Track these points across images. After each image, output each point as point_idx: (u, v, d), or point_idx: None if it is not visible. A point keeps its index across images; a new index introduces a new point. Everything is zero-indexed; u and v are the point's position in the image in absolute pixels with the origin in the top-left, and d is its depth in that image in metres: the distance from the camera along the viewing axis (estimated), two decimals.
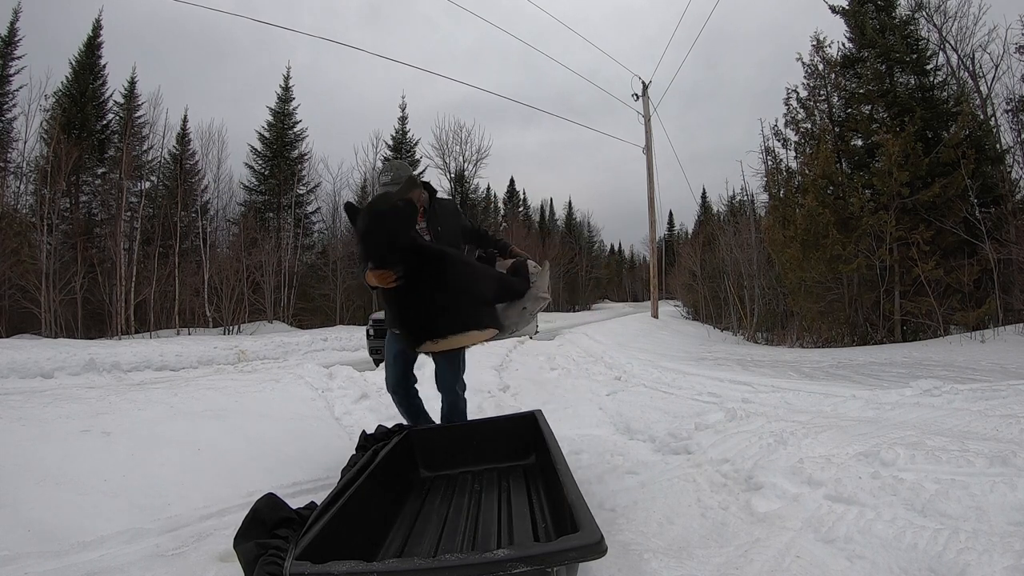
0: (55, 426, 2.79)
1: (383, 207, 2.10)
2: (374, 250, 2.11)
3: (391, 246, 2.09)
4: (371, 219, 2.09)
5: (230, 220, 20.85)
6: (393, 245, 2.09)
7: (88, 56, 18.40)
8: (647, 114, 17.73)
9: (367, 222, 2.10)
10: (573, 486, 1.50)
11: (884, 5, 13.95)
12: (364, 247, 2.15)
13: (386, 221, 2.09)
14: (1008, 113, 12.43)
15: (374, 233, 2.08)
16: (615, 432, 3.51)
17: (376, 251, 2.10)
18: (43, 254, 14.36)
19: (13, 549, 1.75)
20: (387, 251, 2.09)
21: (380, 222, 2.09)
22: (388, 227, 2.09)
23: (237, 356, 7.34)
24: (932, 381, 3.98)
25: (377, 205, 2.12)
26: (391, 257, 2.10)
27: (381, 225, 2.09)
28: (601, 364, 7.56)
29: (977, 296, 11.32)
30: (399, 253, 2.12)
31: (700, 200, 39.61)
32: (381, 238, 2.08)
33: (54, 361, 5.49)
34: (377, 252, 2.10)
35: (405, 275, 2.15)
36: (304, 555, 1.26)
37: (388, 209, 2.09)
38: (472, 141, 27.61)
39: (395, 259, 2.11)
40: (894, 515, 1.79)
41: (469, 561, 1.14)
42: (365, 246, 2.14)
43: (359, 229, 2.13)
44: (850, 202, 12.93)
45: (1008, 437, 2.48)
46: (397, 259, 2.11)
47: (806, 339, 14.47)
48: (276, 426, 3.28)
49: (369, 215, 2.11)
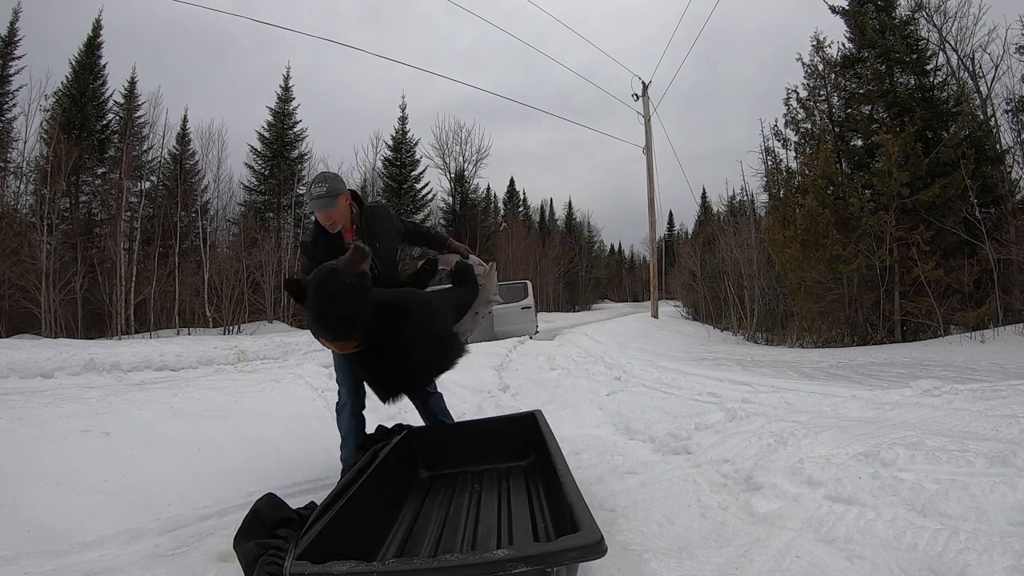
0: (55, 426, 2.80)
1: (333, 288, 1.88)
2: (330, 333, 1.94)
3: (348, 326, 1.92)
4: (324, 302, 1.89)
5: (230, 220, 20.88)
6: (350, 325, 1.92)
7: (88, 56, 18.41)
8: (647, 114, 17.74)
9: (317, 306, 1.89)
10: (573, 486, 1.50)
11: (884, 5, 13.96)
12: (318, 327, 1.94)
13: (339, 304, 1.90)
14: (1008, 113, 12.44)
15: (327, 319, 1.90)
16: (615, 432, 3.51)
17: (332, 333, 1.94)
18: (43, 254, 14.37)
19: (13, 549, 1.75)
20: (345, 331, 1.93)
21: (335, 305, 1.89)
22: (342, 310, 1.90)
23: (237, 356, 7.33)
24: (932, 381, 3.98)
25: (327, 286, 1.89)
26: (350, 335, 1.95)
27: (333, 308, 1.90)
28: (601, 364, 7.56)
29: (977, 296, 11.32)
30: (358, 328, 1.95)
31: (700, 200, 39.60)
32: (335, 323, 1.91)
33: (54, 361, 5.48)
34: (334, 332, 1.94)
35: (367, 340, 1.99)
36: (304, 555, 1.26)
37: (339, 290, 1.89)
38: (472, 141, 27.67)
39: (354, 335, 1.96)
40: (894, 515, 1.79)
41: (469, 561, 1.14)
42: (319, 329, 1.94)
43: (310, 312, 1.93)
44: (850, 202, 12.94)
45: (1008, 437, 2.47)
46: (357, 334, 1.96)
47: (806, 339, 14.48)
48: (276, 426, 3.28)
49: (320, 298, 1.89)
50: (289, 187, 21.71)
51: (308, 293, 1.90)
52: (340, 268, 1.91)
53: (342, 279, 1.90)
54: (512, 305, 12.23)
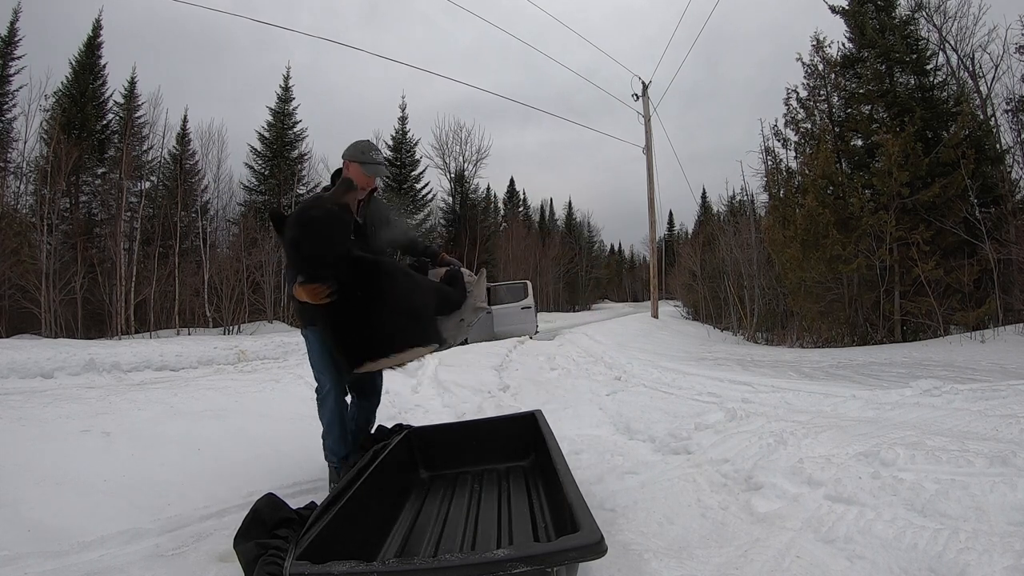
0: (55, 426, 2.80)
1: (316, 213, 1.85)
2: (305, 263, 1.85)
3: (324, 259, 1.85)
4: (302, 227, 1.84)
5: (230, 220, 20.86)
6: (326, 258, 1.85)
7: (88, 56, 18.41)
8: (647, 114, 17.74)
9: (298, 231, 1.84)
10: (573, 486, 1.50)
11: (884, 5, 13.95)
12: (293, 259, 1.88)
13: (319, 230, 1.84)
14: (1008, 113, 12.43)
15: (305, 244, 1.84)
16: (615, 432, 3.51)
17: (307, 264, 1.84)
18: (43, 254, 14.36)
19: (13, 549, 1.75)
20: (319, 264, 1.85)
21: (312, 231, 1.83)
22: (321, 237, 1.84)
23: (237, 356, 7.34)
24: (932, 381, 3.98)
25: (308, 211, 1.87)
26: (324, 272, 1.85)
27: (313, 235, 1.83)
28: (601, 364, 7.56)
29: (977, 296, 11.32)
30: (333, 267, 1.87)
31: (700, 200, 39.64)
32: (313, 250, 1.83)
33: (54, 361, 5.49)
34: (309, 265, 1.84)
35: (339, 290, 1.89)
36: (304, 555, 1.26)
37: (321, 215, 1.85)
38: (472, 141, 27.68)
39: (328, 273, 1.86)
40: (894, 515, 1.79)
41: (469, 561, 1.14)
42: (294, 258, 1.88)
43: (287, 239, 1.87)
44: (850, 202, 12.94)
45: (1008, 437, 2.47)
46: (330, 273, 1.86)
47: (806, 339, 14.47)
48: (276, 426, 3.28)
49: (299, 223, 1.85)
50: (289, 187, 21.71)
51: (288, 219, 1.88)
52: (325, 196, 1.90)
53: (324, 205, 1.88)
54: (512, 305, 12.23)
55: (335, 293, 1.88)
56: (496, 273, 26.18)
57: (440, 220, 26.88)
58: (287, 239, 1.88)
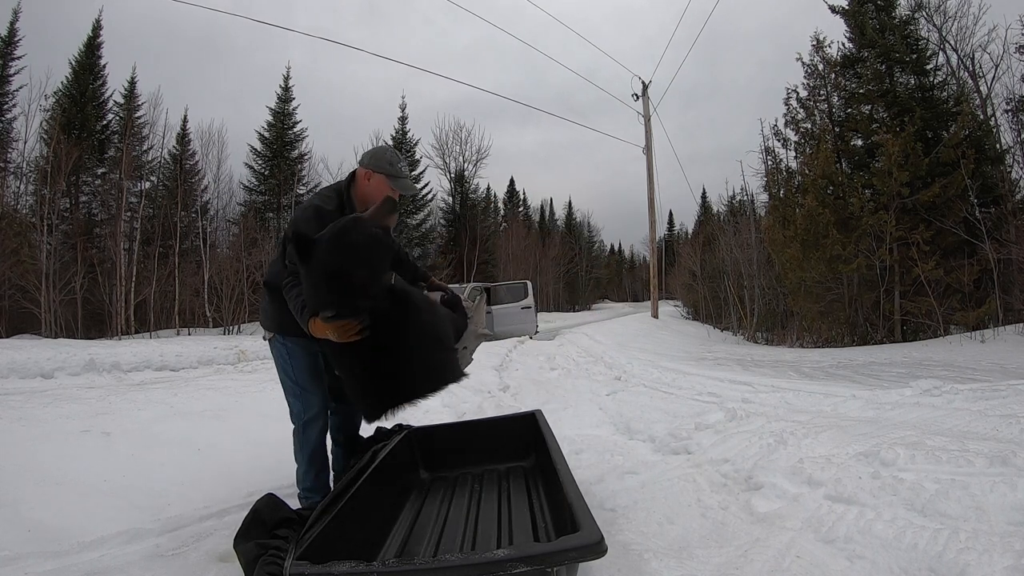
0: (55, 426, 2.80)
1: (359, 238, 1.56)
2: (344, 296, 1.55)
3: (367, 291, 1.58)
4: (343, 254, 1.54)
5: (230, 220, 20.86)
6: (370, 289, 1.59)
7: (88, 56, 18.41)
8: (647, 114, 17.74)
9: (337, 258, 1.54)
10: (573, 486, 1.50)
11: (884, 5, 13.95)
12: (329, 291, 1.55)
13: (365, 257, 1.57)
14: (1008, 113, 12.44)
15: (345, 274, 1.54)
16: (615, 432, 3.51)
17: (347, 297, 1.55)
18: (43, 254, 14.36)
19: (13, 549, 1.75)
20: (360, 297, 1.57)
21: (357, 259, 1.55)
22: (367, 265, 1.58)
23: (237, 356, 7.33)
24: (932, 381, 3.98)
25: (349, 234, 1.57)
26: (363, 304, 1.58)
27: (358, 262, 1.55)
28: (601, 364, 7.56)
29: (977, 296, 11.32)
30: (372, 300, 1.61)
31: (700, 200, 39.65)
32: (355, 280, 1.55)
33: (54, 361, 5.48)
34: (348, 298, 1.55)
35: (370, 326, 1.62)
36: (304, 555, 1.26)
37: (366, 240, 1.57)
38: (472, 141, 27.67)
39: (366, 307, 1.59)
40: (894, 515, 1.79)
41: (469, 561, 1.14)
42: (331, 290, 1.55)
43: (319, 266, 1.55)
44: (850, 202, 12.93)
45: (1008, 437, 2.48)
46: (368, 307, 1.60)
47: (806, 339, 14.47)
48: (276, 426, 3.27)
49: (339, 248, 1.54)
50: (289, 187, 21.70)
51: (320, 246, 1.55)
52: (365, 217, 1.61)
53: (367, 228, 1.58)
54: (512, 305, 12.24)
55: (366, 329, 1.62)
56: (496, 273, 26.18)
57: (440, 220, 26.89)
58: (319, 266, 1.56)
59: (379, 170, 1.97)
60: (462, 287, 11.98)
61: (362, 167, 2.00)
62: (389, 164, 1.98)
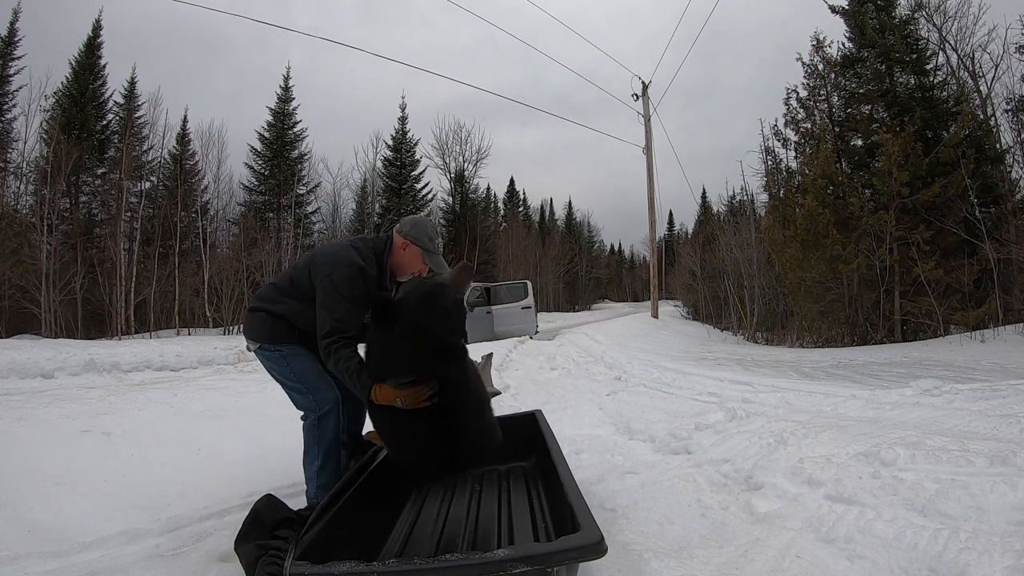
0: (55, 426, 2.80)
1: (447, 303, 1.57)
2: (428, 361, 1.55)
3: (452, 356, 1.59)
4: (432, 319, 1.53)
5: (230, 220, 20.85)
6: (455, 354, 1.60)
7: (88, 56, 18.40)
8: (647, 114, 17.74)
9: (427, 323, 1.53)
10: (573, 486, 1.50)
11: (884, 5, 13.95)
12: (413, 356, 1.54)
13: (451, 323, 1.57)
14: (1008, 113, 12.43)
15: (433, 339, 1.54)
16: (615, 432, 3.51)
17: (431, 363, 1.55)
18: (43, 254, 14.35)
19: (13, 549, 1.75)
20: (445, 362, 1.58)
21: (444, 323, 1.56)
22: (454, 331, 1.59)
23: (237, 356, 7.33)
24: (932, 381, 3.98)
25: (439, 300, 1.57)
26: (445, 369, 1.59)
27: (446, 328, 1.56)
28: (601, 364, 7.56)
29: (977, 296, 11.32)
30: (455, 364, 1.62)
31: (700, 200, 39.67)
32: (442, 345, 1.57)
33: (54, 361, 5.48)
34: (432, 364, 1.56)
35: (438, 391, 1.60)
36: (304, 555, 1.26)
37: (453, 307, 1.58)
38: (472, 141, 27.67)
39: (439, 372, 1.59)
40: (894, 515, 1.79)
41: (469, 561, 1.14)
42: (416, 355, 1.54)
43: (408, 331, 1.54)
44: (850, 202, 12.93)
45: (1008, 437, 2.48)
46: (440, 372, 1.60)
47: (806, 339, 14.47)
48: (276, 426, 3.28)
49: (429, 313, 1.53)
50: (289, 187, 21.70)
51: (406, 311, 1.54)
52: (449, 285, 1.63)
53: (451, 294, 1.60)
54: (512, 305, 12.24)
55: (435, 395, 1.58)
56: (496, 273, 26.18)
57: (440, 220, 26.87)
58: (404, 331, 1.54)
59: (418, 243, 2.00)
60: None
61: (400, 235, 2.01)
62: (428, 239, 2.01)
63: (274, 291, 2.08)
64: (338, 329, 1.82)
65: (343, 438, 2.05)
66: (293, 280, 2.04)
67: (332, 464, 2.01)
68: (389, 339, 1.59)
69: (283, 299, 2.02)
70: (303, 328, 1.98)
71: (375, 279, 1.95)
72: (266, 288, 2.16)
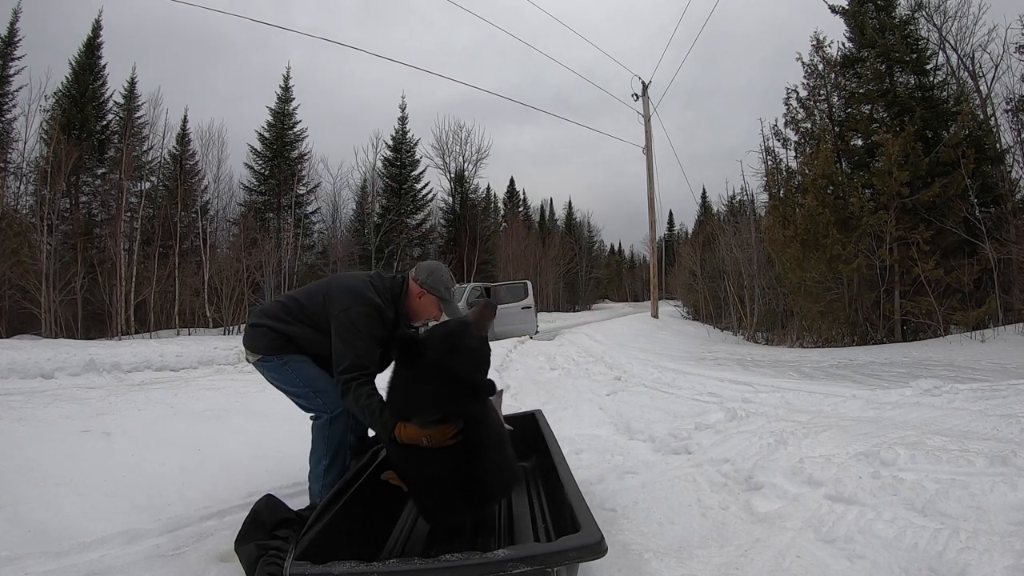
0: (55, 426, 2.80)
1: (472, 343, 1.60)
2: (455, 400, 1.56)
3: (478, 394, 1.60)
4: (459, 358, 1.55)
5: (230, 220, 20.86)
6: (481, 393, 1.60)
7: (88, 56, 18.39)
8: (647, 114, 17.74)
9: (454, 362, 1.55)
10: (573, 486, 1.50)
11: (884, 5, 13.95)
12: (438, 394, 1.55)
13: (476, 361, 1.60)
14: (1008, 113, 12.44)
15: (459, 378, 1.55)
16: (615, 432, 3.51)
17: (455, 401, 1.56)
18: (43, 254, 14.34)
19: (13, 549, 1.75)
20: (468, 399, 1.58)
21: (471, 362, 1.58)
22: (480, 370, 1.62)
23: (237, 356, 7.33)
24: (932, 381, 3.98)
25: (463, 339, 1.60)
26: (471, 406, 1.60)
27: (472, 367, 1.59)
28: (601, 364, 7.56)
29: (977, 296, 11.32)
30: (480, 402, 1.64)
31: (700, 200, 39.68)
32: (469, 384, 1.58)
33: (54, 361, 5.48)
34: (456, 402, 1.56)
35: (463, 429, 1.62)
36: (304, 555, 1.26)
37: (478, 346, 1.62)
38: (472, 141, 27.65)
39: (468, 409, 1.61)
40: (894, 515, 1.79)
41: (469, 561, 1.14)
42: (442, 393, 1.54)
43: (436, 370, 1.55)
44: (850, 202, 12.93)
45: (1008, 437, 2.48)
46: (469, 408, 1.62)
47: (806, 339, 14.47)
48: (276, 426, 3.28)
49: (457, 352, 1.56)
50: (289, 187, 21.71)
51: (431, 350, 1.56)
52: (472, 323, 1.66)
53: (476, 334, 1.62)
54: (512, 305, 12.25)
55: (460, 433, 1.59)
56: (496, 273, 26.18)
57: (440, 220, 26.88)
58: (431, 370, 1.56)
59: (435, 292, 2.05)
60: (463, 287, 11.99)
61: (416, 283, 2.05)
62: (444, 288, 2.07)
63: (282, 311, 2.04)
64: (358, 365, 1.84)
65: (351, 439, 2.05)
66: (302, 305, 2.02)
67: (339, 464, 2.02)
68: (414, 378, 1.60)
69: (293, 322, 2.01)
70: (314, 353, 1.99)
71: (392, 321, 2.00)
72: (273, 306, 2.11)
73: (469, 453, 1.60)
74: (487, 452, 1.64)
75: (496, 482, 1.70)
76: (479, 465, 1.62)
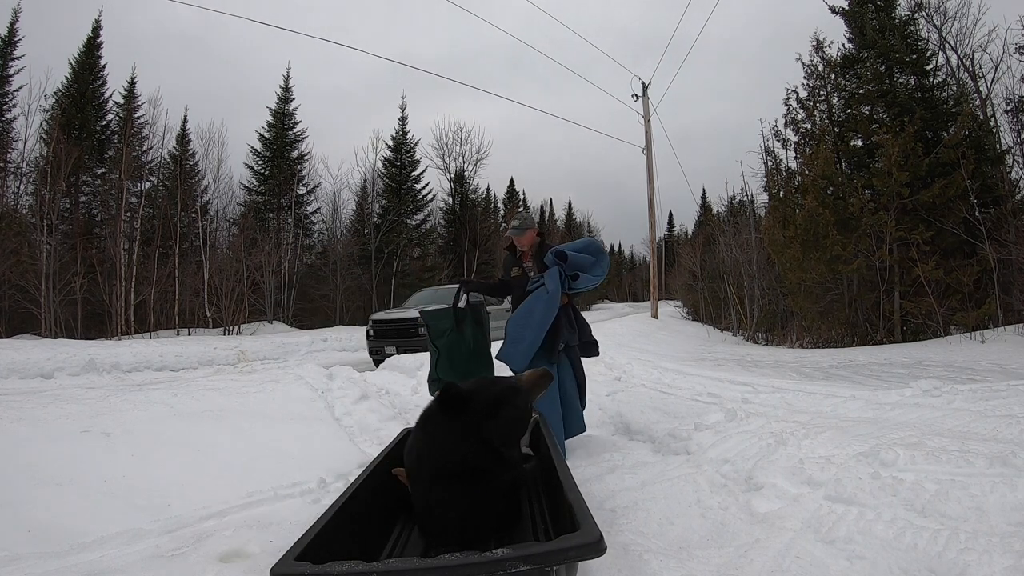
0: (55, 427, 2.80)
1: (516, 413, 1.70)
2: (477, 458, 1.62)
3: (503, 463, 1.68)
4: (500, 425, 1.64)
5: (230, 220, 20.85)
6: (505, 464, 1.68)
7: (88, 56, 18.39)
8: (647, 115, 17.73)
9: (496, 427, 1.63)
10: (573, 486, 1.50)
11: (884, 5, 13.96)
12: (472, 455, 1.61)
13: (514, 431, 1.70)
14: (1008, 113, 12.45)
15: (489, 445, 1.64)
16: (615, 432, 3.51)
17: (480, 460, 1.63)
18: (43, 254, 14.34)
19: (13, 549, 1.75)
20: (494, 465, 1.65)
21: (509, 433, 1.70)
22: (513, 442, 1.71)
23: (237, 356, 7.33)
24: (932, 381, 3.98)
25: (508, 408, 1.68)
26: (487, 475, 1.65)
27: (510, 437, 1.70)
28: (601, 364, 7.54)
29: (977, 296, 11.32)
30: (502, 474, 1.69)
31: (700, 200, 39.66)
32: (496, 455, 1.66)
33: (54, 361, 5.49)
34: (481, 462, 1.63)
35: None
36: (304, 555, 1.25)
37: (520, 415, 1.71)
38: (472, 142, 27.61)
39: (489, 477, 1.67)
40: (894, 515, 1.78)
41: (469, 561, 1.14)
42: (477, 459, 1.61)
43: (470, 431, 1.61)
44: (850, 202, 12.94)
45: (1008, 437, 2.48)
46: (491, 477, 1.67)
47: (806, 339, 14.47)
48: (276, 426, 3.28)
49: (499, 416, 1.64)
50: (289, 187, 21.70)
51: (473, 410, 1.61)
52: (523, 391, 1.70)
53: (524, 405, 1.69)
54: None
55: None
56: (496, 273, 26.15)
57: (440, 220, 26.86)
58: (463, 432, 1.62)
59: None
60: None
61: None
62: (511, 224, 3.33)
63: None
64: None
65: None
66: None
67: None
68: (448, 429, 1.63)
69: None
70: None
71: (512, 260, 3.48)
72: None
73: (478, 497, 1.62)
74: (496, 501, 1.66)
75: (494, 527, 1.70)
76: (486, 509, 1.63)
